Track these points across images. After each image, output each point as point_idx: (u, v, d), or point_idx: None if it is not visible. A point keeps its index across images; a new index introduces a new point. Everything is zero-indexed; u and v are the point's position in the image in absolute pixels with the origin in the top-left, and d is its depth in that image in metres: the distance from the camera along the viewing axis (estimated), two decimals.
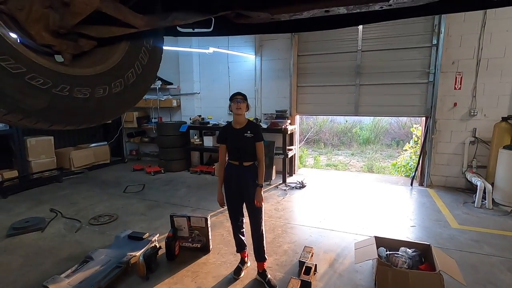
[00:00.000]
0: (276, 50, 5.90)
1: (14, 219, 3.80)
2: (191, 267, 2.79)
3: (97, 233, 3.51)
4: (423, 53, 4.97)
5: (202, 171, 6.07)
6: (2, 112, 0.95)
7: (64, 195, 4.82)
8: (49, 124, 1.11)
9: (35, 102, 1.01)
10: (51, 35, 1.06)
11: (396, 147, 10.66)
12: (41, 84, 1.01)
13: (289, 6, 1.23)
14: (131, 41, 1.34)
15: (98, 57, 1.25)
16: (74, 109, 1.15)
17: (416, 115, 5.36)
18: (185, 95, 6.71)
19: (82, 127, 1.28)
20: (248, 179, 2.48)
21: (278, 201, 4.52)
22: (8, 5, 0.94)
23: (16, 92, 0.96)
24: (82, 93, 1.14)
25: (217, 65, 6.44)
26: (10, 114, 0.97)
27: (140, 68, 1.39)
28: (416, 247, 2.70)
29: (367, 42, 5.27)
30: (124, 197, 4.75)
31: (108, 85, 1.25)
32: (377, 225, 3.68)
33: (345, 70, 5.50)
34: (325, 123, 12.47)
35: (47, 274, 2.61)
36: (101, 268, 2.66)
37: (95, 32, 1.14)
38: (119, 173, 6.19)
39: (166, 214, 3.90)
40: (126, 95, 1.35)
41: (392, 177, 6.15)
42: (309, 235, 3.42)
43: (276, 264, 2.84)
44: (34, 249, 3.14)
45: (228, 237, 3.32)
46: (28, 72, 0.97)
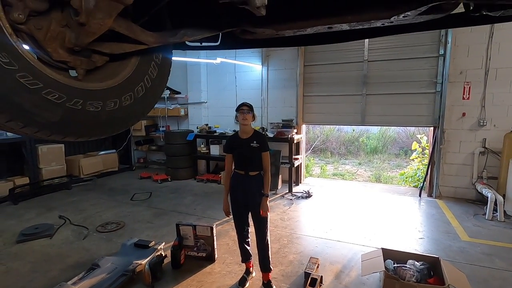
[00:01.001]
0: (283, 60, 5.97)
1: (24, 225, 3.87)
2: (196, 277, 2.79)
3: (104, 240, 3.54)
4: (430, 63, 4.96)
5: (209, 179, 6.10)
6: (20, 125, 1.00)
7: (73, 202, 4.89)
8: (63, 136, 1.16)
9: (50, 116, 1.06)
10: (66, 52, 1.12)
11: (404, 157, 10.53)
12: (56, 98, 1.06)
13: (293, 23, 1.27)
14: (141, 56, 1.39)
15: (110, 72, 1.31)
16: (86, 122, 1.20)
17: (424, 125, 5.32)
18: (193, 104, 6.82)
19: (92, 138, 1.32)
20: (254, 189, 2.50)
21: (284, 210, 4.50)
22: (28, 25, 1.01)
23: (33, 107, 1.01)
24: (94, 107, 1.19)
25: (224, 75, 6.54)
26: (26, 127, 1.02)
27: (149, 82, 1.44)
28: (425, 260, 2.65)
29: (374, 52, 5.30)
30: (131, 204, 4.80)
31: (118, 99, 1.30)
32: (385, 236, 3.62)
33: (351, 79, 5.52)
34: (332, 132, 12.44)
35: (55, 280, 2.64)
36: (107, 276, 2.68)
37: (108, 49, 1.20)
38: (127, 181, 6.26)
39: (172, 222, 3.92)
40: (136, 108, 1.40)
41: (400, 188, 6.07)
42: (315, 246, 3.39)
43: (282, 275, 2.81)
44: (42, 255, 3.18)
45: (233, 246, 3.32)
46: (44, 87, 1.02)
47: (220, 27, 1.34)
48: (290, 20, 1.27)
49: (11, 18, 0.92)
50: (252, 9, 1.03)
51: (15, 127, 1.01)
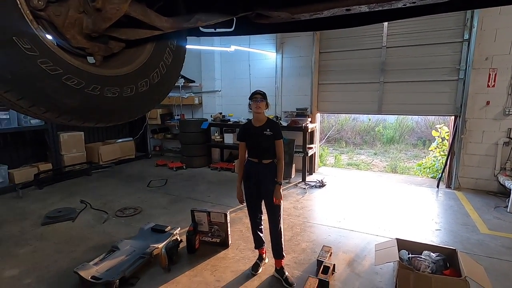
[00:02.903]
0: (298, 47, 5.85)
1: (48, 208, 4.07)
2: (210, 261, 2.86)
3: (123, 224, 3.68)
4: (454, 48, 4.72)
5: (222, 167, 6.17)
6: (42, 110, 1.03)
7: (93, 188, 5.09)
8: (82, 122, 1.20)
9: (70, 101, 1.09)
10: (84, 38, 1.14)
11: (423, 147, 10.22)
12: (75, 84, 1.09)
13: (309, 6, 1.23)
14: (156, 43, 1.40)
15: (126, 58, 1.33)
16: (104, 107, 1.23)
17: (444, 114, 5.12)
18: (207, 92, 6.84)
19: (110, 124, 1.36)
20: (267, 177, 2.50)
21: (297, 199, 4.50)
22: (47, 12, 1.03)
23: (54, 92, 1.04)
24: (111, 93, 1.22)
25: (238, 63, 6.49)
26: (48, 112, 1.06)
27: (164, 68, 1.45)
28: (441, 251, 2.60)
29: (393, 38, 5.09)
30: (148, 191, 4.94)
31: (135, 85, 1.32)
32: (400, 227, 3.57)
33: (368, 67, 5.35)
34: (347, 122, 12.20)
35: (78, 261, 2.79)
36: (126, 258, 2.79)
37: (124, 34, 1.21)
38: (143, 168, 6.43)
39: (187, 208, 4.01)
40: (152, 94, 1.42)
41: (417, 178, 5.92)
42: (328, 235, 3.39)
43: (294, 262, 2.84)
44: (65, 237, 3.35)
45: (246, 233, 3.37)
46: (64, 73, 1.05)
47: (234, 12, 1.32)
48: (306, 3, 1.23)
49: (31, 5, 0.95)
50: None
51: (38, 112, 1.04)
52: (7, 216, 3.89)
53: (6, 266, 2.77)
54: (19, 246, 3.14)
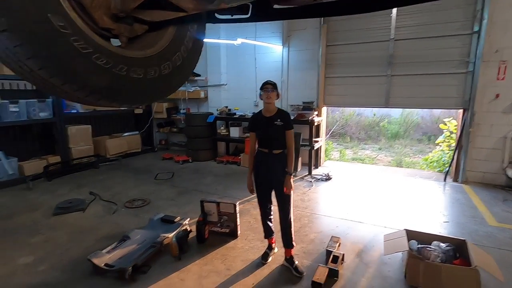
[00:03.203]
0: (304, 40, 5.81)
1: (58, 200, 4.12)
2: (220, 251, 2.90)
3: (132, 215, 3.73)
4: (463, 41, 4.67)
5: (228, 161, 6.19)
6: (73, 88, 1.05)
7: (101, 180, 5.14)
8: (110, 102, 1.22)
9: (99, 80, 1.11)
10: (110, 19, 1.15)
11: (428, 142, 10.17)
12: (104, 63, 1.10)
13: None
14: (178, 26, 1.41)
15: (149, 41, 1.34)
16: (130, 88, 1.25)
17: (453, 107, 5.08)
18: (212, 86, 6.84)
19: (135, 105, 1.39)
20: (278, 167, 2.52)
21: (304, 192, 4.52)
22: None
23: (85, 70, 1.06)
24: (136, 74, 1.23)
25: (244, 57, 6.47)
26: (79, 90, 1.07)
27: (185, 52, 1.46)
28: (450, 242, 2.60)
29: (401, 30, 5.04)
30: (155, 183, 4.99)
31: (158, 67, 1.33)
32: (407, 219, 3.58)
33: (376, 60, 5.31)
34: (351, 117, 12.15)
35: (89, 250, 2.83)
36: (137, 247, 2.84)
37: (149, 16, 1.22)
38: (150, 161, 6.48)
39: (195, 200, 4.06)
40: (173, 77, 1.43)
41: (423, 172, 5.91)
42: (335, 226, 3.41)
43: (303, 252, 2.87)
44: (77, 227, 3.40)
45: (254, 224, 3.40)
46: (94, 52, 1.06)
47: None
48: None
49: None
50: None
51: (69, 90, 1.06)
52: (19, 207, 3.95)
53: (21, 254, 2.82)
54: (32, 235, 3.20)
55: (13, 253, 2.85)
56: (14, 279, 2.47)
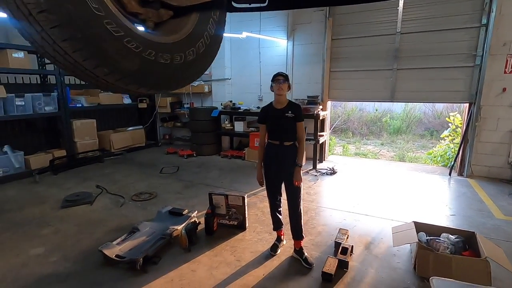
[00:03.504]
0: (309, 34, 5.78)
1: (65, 193, 4.14)
2: (229, 242, 2.91)
3: (140, 208, 3.74)
4: (470, 34, 4.64)
5: (233, 155, 6.20)
6: (105, 72, 1.05)
7: (107, 174, 5.16)
8: (138, 86, 1.22)
9: (130, 64, 1.11)
10: (138, 4, 1.15)
11: (430, 138, 10.16)
12: (134, 47, 1.10)
13: None
14: (201, 13, 1.40)
15: (174, 27, 1.34)
16: (158, 73, 1.25)
17: (459, 101, 5.07)
18: (217, 80, 6.82)
19: (162, 91, 1.39)
20: (288, 159, 2.52)
21: (309, 185, 4.53)
22: None
23: (117, 54, 1.06)
24: (164, 59, 1.23)
25: (248, 51, 6.44)
26: (110, 74, 1.07)
27: (208, 39, 1.46)
28: (459, 234, 2.62)
29: (407, 23, 5.00)
30: (161, 177, 5.00)
31: (183, 53, 1.33)
32: (413, 212, 3.59)
33: (382, 54, 5.28)
34: (353, 112, 12.13)
35: (99, 241, 2.85)
36: (147, 239, 2.86)
37: (176, 1, 1.22)
38: (154, 156, 6.49)
39: (201, 193, 4.08)
40: (198, 63, 1.43)
41: (427, 166, 5.91)
42: (343, 219, 3.42)
43: (312, 244, 2.89)
44: (85, 219, 3.42)
45: (262, 217, 3.42)
46: (125, 35, 1.06)
47: None
48: None
49: None
50: None
51: (100, 74, 1.06)
52: (27, 200, 3.97)
53: (32, 245, 2.85)
54: (42, 227, 3.22)
55: (25, 244, 2.87)
56: (27, 269, 2.49)
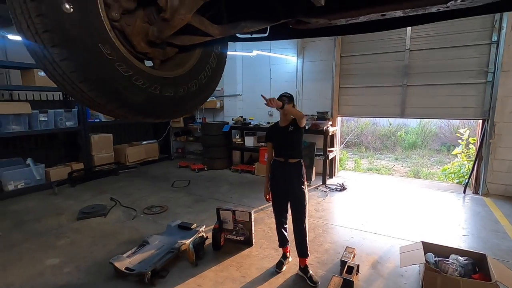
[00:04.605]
0: (318, 51, 5.91)
1: (81, 205, 4.33)
2: (236, 258, 2.95)
3: (151, 221, 3.86)
4: (481, 51, 4.62)
5: (243, 170, 6.28)
6: (115, 105, 1.19)
7: (121, 187, 5.34)
8: (144, 117, 1.35)
9: (137, 99, 1.24)
10: (146, 45, 1.29)
11: (447, 153, 9.90)
12: (141, 84, 1.24)
13: (347, 12, 1.31)
14: (204, 48, 1.54)
15: (178, 62, 1.47)
16: (162, 104, 1.38)
17: (471, 117, 4.99)
18: (228, 96, 7.01)
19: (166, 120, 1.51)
20: (294, 176, 2.58)
21: (318, 202, 4.52)
22: (120, 22, 1.19)
23: (126, 91, 1.19)
24: (168, 92, 1.36)
25: (259, 68, 6.62)
26: (120, 108, 1.21)
27: (210, 70, 1.59)
28: (469, 255, 2.56)
29: (416, 41, 5.04)
30: (172, 191, 5.13)
31: (186, 85, 1.46)
32: (424, 231, 3.52)
33: (391, 70, 5.32)
34: (366, 126, 12.03)
35: (111, 253, 2.96)
36: (156, 252, 2.94)
37: (180, 41, 1.36)
38: (167, 169, 6.67)
39: (211, 208, 4.15)
40: (200, 94, 1.56)
41: (442, 184, 5.77)
42: (350, 237, 3.40)
43: (317, 262, 2.88)
44: (99, 231, 3.56)
45: (269, 233, 3.45)
46: (133, 74, 1.20)
47: (277, 18, 1.43)
48: (344, 9, 1.32)
49: (109, 17, 1.10)
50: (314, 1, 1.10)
51: (112, 108, 1.19)
52: (46, 211, 4.18)
53: (48, 256, 2.99)
54: (58, 238, 3.37)
55: (41, 254, 3.02)
56: (42, 279, 2.62)
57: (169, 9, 1.16)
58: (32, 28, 0.91)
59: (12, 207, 4.34)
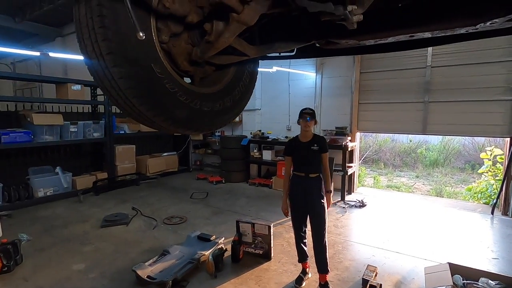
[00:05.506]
0: (338, 68, 5.97)
1: (105, 213, 4.48)
2: (255, 272, 2.95)
3: (171, 231, 3.93)
4: (507, 67, 4.52)
5: (260, 183, 6.31)
6: (161, 119, 1.29)
7: (142, 197, 5.49)
8: (185, 129, 1.45)
9: (181, 113, 1.35)
10: (188, 64, 1.41)
11: (471, 171, 9.50)
12: (184, 100, 1.35)
13: (377, 33, 1.38)
14: (237, 66, 1.64)
15: (215, 79, 1.59)
16: (201, 118, 1.48)
17: (498, 135, 4.83)
18: (247, 111, 7.14)
19: (203, 132, 1.60)
20: (313, 191, 2.59)
21: (337, 218, 4.46)
22: (168, 44, 1.31)
23: (171, 105, 1.30)
24: (206, 107, 1.46)
25: (278, 83, 6.75)
26: (165, 121, 1.31)
27: (243, 87, 1.69)
28: (501, 279, 2.44)
29: (438, 57, 5.01)
30: (191, 202, 5.22)
31: (222, 101, 1.56)
32: (450, 252, 3.38)
33: (412, 87, 5.28)
34: (386, 143, 11.80)
35: (133, 261, 3.04)
36: (176, 262, 2.99)
37: (219, 60, 1.47)
38: (185, 181, 6.80)
39: (229, 220, 4.19)
40: (234, 109, 1.66)
41: (467, 203, 5.53)
42: (371, 255, 3.32)
43: (338, 279, 2.83)
44: (121, 239, 3.67)
45: (287, 247, 3.42)
46: (178, 91, 1.31)
47: (309, 39, 1.52)
48: (374, 31, 1.38)
49: (160, 40, 1.23)
50: (348, 24, 1.17)
51: (158, 121, 1.30)
52: (72, 218, 4.36)
53: (74, 261, 3.11)
54: (84, 244, 3.50)
55: (69, 259, 3.14)
56: (70, 283, 2.73)
57: (214, 33, 1.27)
58: (97, 50, 1.03)
59: (42, 213, 4.56)
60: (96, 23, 0.99)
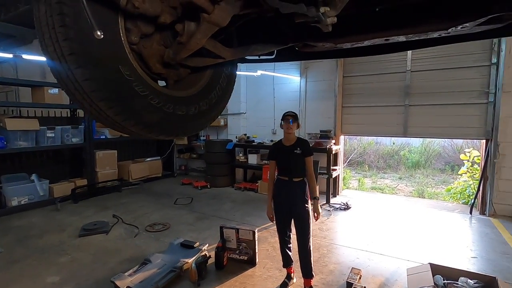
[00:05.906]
0: (321, 72, 6.04)
1: (84, 221, 4.30)
2: (239, 278, 2.89)
3: (153, 239, 3.81)
4: (481, 72, 4.71)
5: (246, 187, 6.26)
6: (131, 123, 1.23)
7: (124, 203, 5.32)
8: (158, 134, 1.39)
9: (152, 117, 1.30)
10: (161, 66, 1.36)
11: (451, 172, 9.82)
12: (156, 103, 1.29)
13: (353, 36, 1.39)
14: (214, 69, 1.60)
15: (190, 82, 1.54)
16: (175, 123, 1.43)
17: (475, 137, 5.01)
18: (232, 114, 7.11)
19: (178, 137, 1.55)
20: (298, 195, 2.57)
21: (322, 221, 4.46)
22: (138, 45, 1.26)
23: (142, 109, 1.25)
24: (180, 111, 1.41)
25: (263, 87, 6.76)
26: (135, 125, 1.25)
27: (220, 90, 1.65)
28: (479, 278, 2.49)
29: (417, 62, 5.16)
30: (175, 208, 5.10)
31: (198, 104, 1.52)
32: (431, 253, 3.44)
33: (393, 90, 5.41)
34: (370, 145, 12.03)
35: (113, 271, 2.92)
36: (158, 271, 2.89)
37: (193, 62, 1.43)
38: (170, 186, 6.65)
39: (214, 226, 4.11)
40: (210, 112, 1.61)
41: (447, 204, 5.69)
42: (355, 257, 3.33)
43: (322, 283, 2.81)
44: (100, 249, 3.52)
45: (273, 252, 3.39)
46: (149, 94, 1.26)
47: (285, 42, 1.51)
48: (349, 34, 1.39)
49: (129, 40, 1.17)
50: (322, 26, 1.17)
51: (127, 125, 1.24)
52: (48, 227, 4.15)
53: (49, 273, 2.95)
54: (59, 255, 3.34)
55: (43, 271, 2.98)
56: None
57: (186, 34, 1.23)
58: (59, 50, 0.97)
59: (15, 223, 4.33)
60: (57, 22, 0.94)
